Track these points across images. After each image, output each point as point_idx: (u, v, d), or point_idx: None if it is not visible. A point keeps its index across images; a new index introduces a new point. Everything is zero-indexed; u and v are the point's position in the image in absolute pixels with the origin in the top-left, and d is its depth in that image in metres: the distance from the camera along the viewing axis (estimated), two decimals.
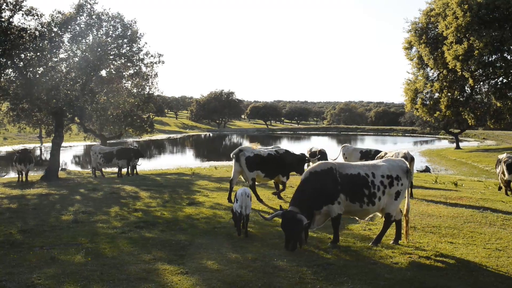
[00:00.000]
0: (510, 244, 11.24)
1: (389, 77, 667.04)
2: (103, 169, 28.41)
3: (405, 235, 11.17)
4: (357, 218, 11.82)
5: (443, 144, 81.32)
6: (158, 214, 14.27)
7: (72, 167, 40.95)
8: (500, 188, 21.64)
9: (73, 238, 11.19)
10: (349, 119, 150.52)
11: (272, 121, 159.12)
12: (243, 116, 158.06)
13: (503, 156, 21.28)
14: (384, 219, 11.24)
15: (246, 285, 8.13)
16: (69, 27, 25.34)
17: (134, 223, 12.93)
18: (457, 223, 13.50)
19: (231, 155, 17.40)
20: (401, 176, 11.09)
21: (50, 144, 29.69)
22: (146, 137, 73.85)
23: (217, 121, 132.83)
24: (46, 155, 50.78)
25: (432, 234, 12.10)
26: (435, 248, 10.73)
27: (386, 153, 22.27)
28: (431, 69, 55.59)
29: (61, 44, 25.40)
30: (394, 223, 11.25)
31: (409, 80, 59.36)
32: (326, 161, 11.21)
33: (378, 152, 25.52)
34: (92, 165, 28.00)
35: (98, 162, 27.42)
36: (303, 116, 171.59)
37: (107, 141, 38.97)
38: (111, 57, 27.41)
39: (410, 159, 18.59)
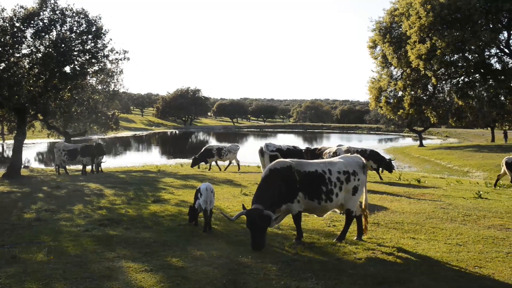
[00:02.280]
0: (470, 239, 11.48)
1: (355, 76, 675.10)
2: (67, 167, 27.97)
3: (364, 230, 11.34)
4: (315, 216, 11.93)
5: (407, 141, 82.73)
6: (123, 211, 14.15)
7: (35, 165, 40.28)
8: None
9: (36, 237, 11.01)
10: (315, 117, 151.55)
11: (238, 119, 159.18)
12: (209, 114, 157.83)
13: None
14: (345, 216, 11.40)
15: (210, 282, 8.13)
16: (32, 22, 24.90)
17: (98, 220, 12.80)
18: (419, 219, 13.74)
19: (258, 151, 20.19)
20: (357, 172, 11.21)
21: (12, 141, 29.11)
22: (111, 134, 73.05)
23: (184, 118, 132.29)
24: (8, 153, 49.80)
25: (395, 230, 12.29)
26: (397, 243, 10.89)
27: (323, 148, 22.96)
28: (395, 67, 56.57)
29: (24, 40, 24.97)
30: (356, 219, 11.39)
31: (374, 78, 60.26)
32: (285, 159, 11.16)
33: (373, 152, 26.23)
34: (56, 162, 27.56)
35: (62, 160, 26.99)
36: (269, 114, 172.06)
37: (71, 138, 38.46)
38: (75, 53, 26.99)
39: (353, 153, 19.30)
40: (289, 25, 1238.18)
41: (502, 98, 52.13)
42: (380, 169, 26.48)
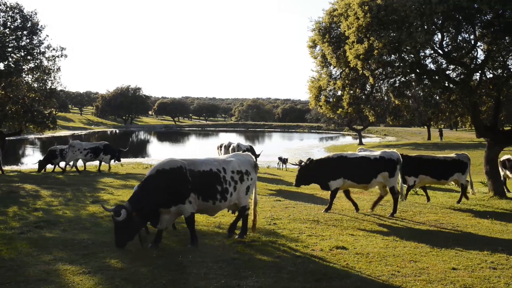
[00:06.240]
0: (406, 234, 11.83)
1: (296, 75, 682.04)
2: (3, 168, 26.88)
3: (252, 227, 11.39)
4: (208, 215, 12.00)
5: (347, 140, 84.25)
6: (60, 213, 13.79)
7: None
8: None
9: None
10: (256, 116, 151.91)
11: (180, 118, 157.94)
12: (150, 112, 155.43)
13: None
14: (238, 213, 11.41)
15: (150, 282, 8.04)
16: None
17: (34, 222, 12.41)
18: (358, 216, 14.06)
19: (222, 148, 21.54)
20: (250, 171, 11.31)
21: None
22: (48, 134, 71.00)
23: (124, 117, 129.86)
24: None
25: (334, 227, 12.51)
26: (337, 240, 11.09)
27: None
28: (334, 67, 57.06)
29: None
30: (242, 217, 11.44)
31: (313, 77, 60.57)
32: (175, 159, 10.71)
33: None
34: (68, 161, 27.25)
35: (81, 158, 27.06)
36: (211, 113, 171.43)
37: (6, 138, 37.12)
38: (10, 49, 26.16)
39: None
40: (230, 24, 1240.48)
41: (437, 97, 53.83)
42: None
